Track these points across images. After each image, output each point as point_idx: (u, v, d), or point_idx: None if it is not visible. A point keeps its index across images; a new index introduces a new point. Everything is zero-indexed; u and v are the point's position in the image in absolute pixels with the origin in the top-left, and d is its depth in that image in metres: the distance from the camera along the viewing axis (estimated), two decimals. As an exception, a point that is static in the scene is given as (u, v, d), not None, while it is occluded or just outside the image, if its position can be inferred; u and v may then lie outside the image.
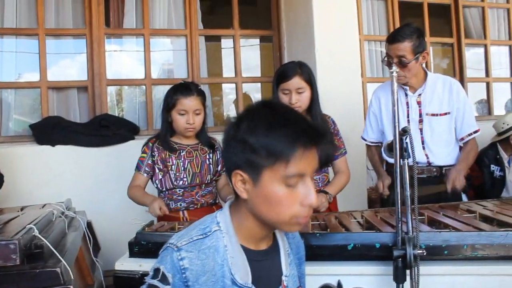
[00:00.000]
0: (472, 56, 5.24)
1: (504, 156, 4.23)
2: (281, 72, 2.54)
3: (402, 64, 2.53)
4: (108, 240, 2.88)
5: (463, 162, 2.65)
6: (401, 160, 1.50)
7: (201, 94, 2.58)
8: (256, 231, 1.23)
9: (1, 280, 1.45)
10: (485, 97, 5.30)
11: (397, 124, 1.47)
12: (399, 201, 1.49)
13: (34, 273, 1.47)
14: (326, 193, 2.49)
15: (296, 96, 2.47)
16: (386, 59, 2.62)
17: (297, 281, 1.35)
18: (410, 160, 2.61)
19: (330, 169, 2.72)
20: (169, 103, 2.54)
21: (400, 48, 2.51)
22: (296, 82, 2.46)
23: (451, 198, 2.58)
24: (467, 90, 4.95)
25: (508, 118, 4.19)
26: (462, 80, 4.94)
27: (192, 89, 2.54)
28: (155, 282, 1.15)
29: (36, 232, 1.61)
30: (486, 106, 5.32)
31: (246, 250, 1.23)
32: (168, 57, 4.44)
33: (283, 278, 1.28)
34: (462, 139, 2.70)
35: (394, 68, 1.46)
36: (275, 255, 1.30)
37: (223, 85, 5.18)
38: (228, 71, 4.67)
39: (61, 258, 1.57)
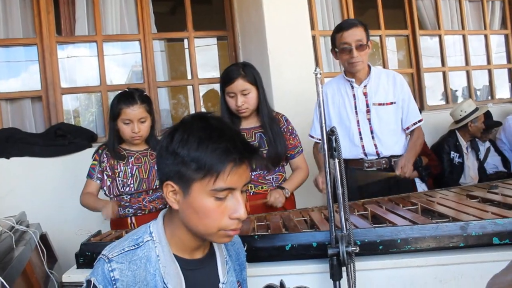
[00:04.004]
0: (428, 46, 5.33)
1: (463, 143, 4.35)
2: (224, 75, 2.53)
3: (362, 47, 2.65)
4: (66, 250, 2.84)
5: (412, 151, 2.72)
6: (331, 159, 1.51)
7: (146, 102, 2.53)
8: (189, 241, 1.25)
9: None
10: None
11: (324, 125, 1.49)
12: (331, 200, 1.51)
13: (-32, 294, 1.46)
14: (283, 188, 2.50)
15: (241, 98, 2.47)
16: (342, 48, 2.67)
17: None
18: (363, 155, 2.70)
19: (287, 168, 2.71)
20: (114, 113, 2.51)
21: (357, 33, 2.64)
22: (240, 84, 2.46)
23: (403, 189, 2.63)
24: (424, 80, 5.03)
25: (465, 106, 4.30)
26: (418, 71, 5.02)
27: (135, 98, 2.50)
28: None
29: (-29, 253, 1.60)
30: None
31: (179, 259, 1.24)
32: (123, 62, 4.38)
33: (220, 285, 1.29)
34: (408, 128, 2.78)
35: (318, 70, 1.48)
36: (212, 263, 1.32)
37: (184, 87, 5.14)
38: (189, 72, 4.64)
39: (-2, 277, 1.56)
